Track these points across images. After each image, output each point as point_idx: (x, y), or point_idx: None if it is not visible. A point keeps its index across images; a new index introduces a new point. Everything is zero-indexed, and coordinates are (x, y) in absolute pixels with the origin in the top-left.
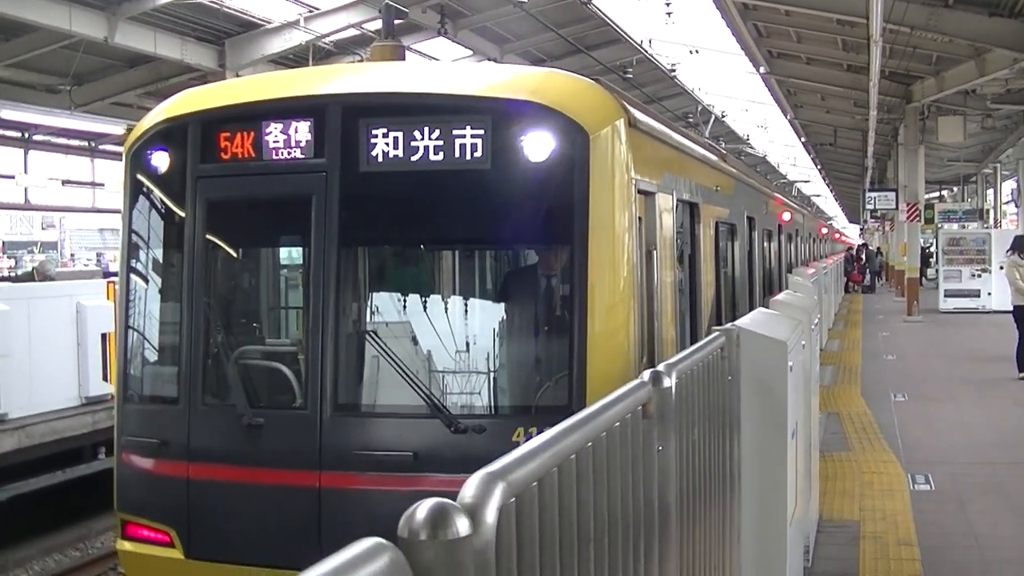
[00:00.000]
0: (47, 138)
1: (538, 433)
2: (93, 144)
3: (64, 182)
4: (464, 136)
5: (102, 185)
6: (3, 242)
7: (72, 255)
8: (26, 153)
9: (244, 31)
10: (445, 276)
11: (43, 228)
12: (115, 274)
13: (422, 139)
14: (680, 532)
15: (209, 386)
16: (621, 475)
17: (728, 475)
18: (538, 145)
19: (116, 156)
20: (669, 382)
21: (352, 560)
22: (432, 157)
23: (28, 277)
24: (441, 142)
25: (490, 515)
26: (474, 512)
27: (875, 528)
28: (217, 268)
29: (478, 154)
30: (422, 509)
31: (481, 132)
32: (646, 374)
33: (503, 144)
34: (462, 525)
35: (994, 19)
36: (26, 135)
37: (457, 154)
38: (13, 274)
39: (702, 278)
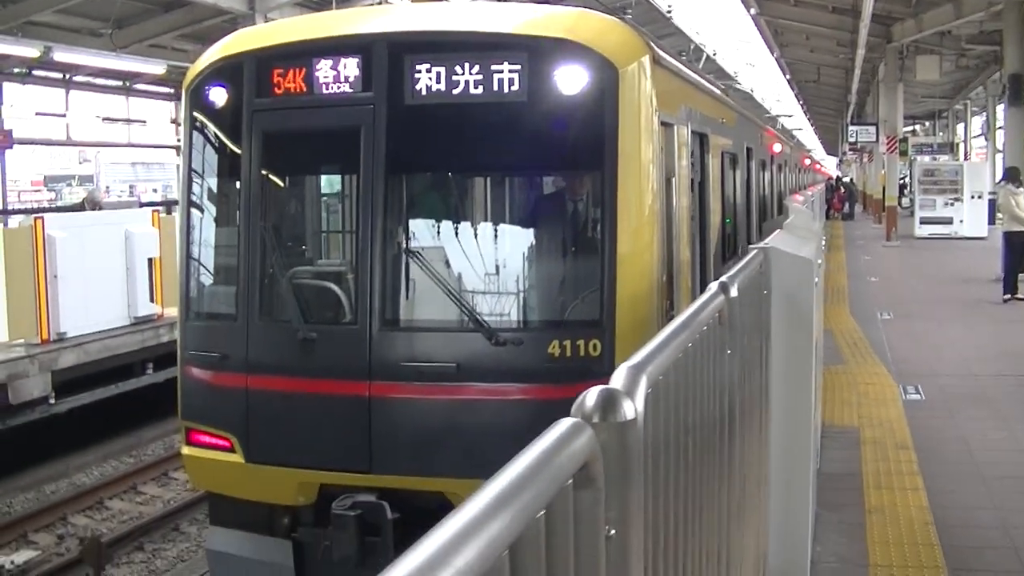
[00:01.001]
0: (87, 79)
1: (572, 345)
2: (128, 84)
3: (104, 119)
4: (502, 71)
5: (143, 122)
6: (44, 176)
7: (107, 188)
8: (67, 93)
9: None
10: (483, 201)
11: (80, 163)
12: (148, 204)
13: (463, 74)
14: (740, 431)
15: (265, 304)
16: (708, 375)
17: (763, 382)
18: (571, 79)
19: (149, 95)
20: (735, 292)
21: (564, 435)
22: (472, 91)
23: (78, 207)
24: (481, 77)
25: (640, 402)
26: (630, 399)
27: (874, 434)
28: (271, 195)
29: (515, 88)
30: (591, 396)
31: (518, 67)
32: (714, 285)
33: (538, 79)
34: (628, 409)
35: None
36: (67, 76)
37: (495, 88)
38: (54, 206)
39: (710, 204)
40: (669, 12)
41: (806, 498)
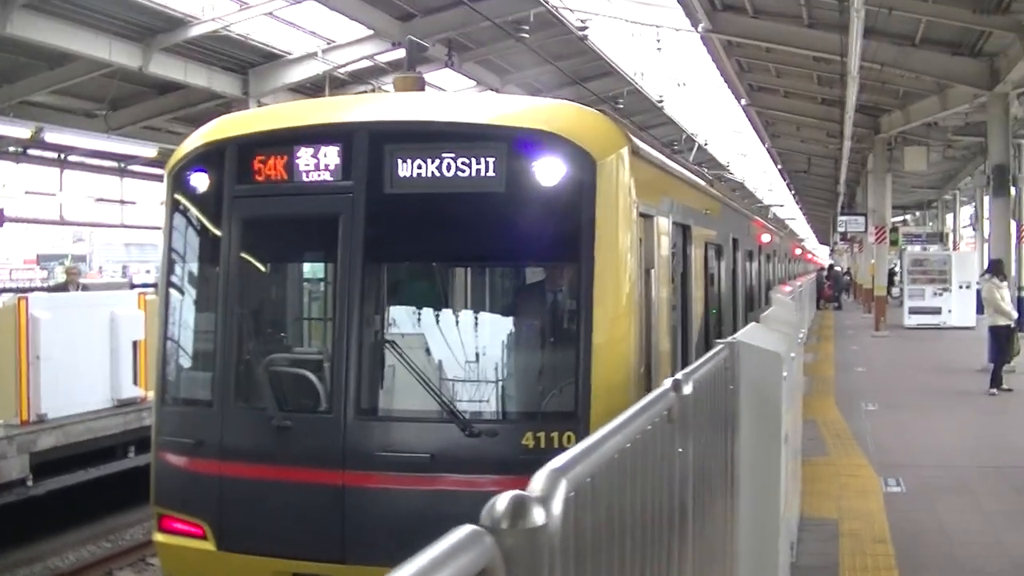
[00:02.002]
0: (81, 159)
1: (546, 437)
2: (123, 165)
3: (97, 200)
4: (481, 162)
5: (133, 203)
6: (38, 254)
7: (100, 267)
8: (62, 172)
9: (267, 61)
10: (461, 291)
11: (73, 242)
12: (141, 286)
13: (442, 164)
14: (694, 528)
15: (241, 390)
16: (652, 474)
17: (729, 476)
18: (549, 171)
19: (143, 176)
20: (688, 390)
21: (458, 544)
22: (451, 181)
23: (62, 287)
24: (459, 167)
25: (557, 507)
26: (544, 504)
27: (852, 526)
28: (250, 281)
29: (494, 178)
30: (502, 501)
31: (496, 158)
32: (667, 382)
33: (516, 169)
34: (539, 515)
35: (956, 58)
36: (62, 156)
37: (474, 178)
38: (45, 285)
39: (693, 294)
40: (660, 102)
41: None
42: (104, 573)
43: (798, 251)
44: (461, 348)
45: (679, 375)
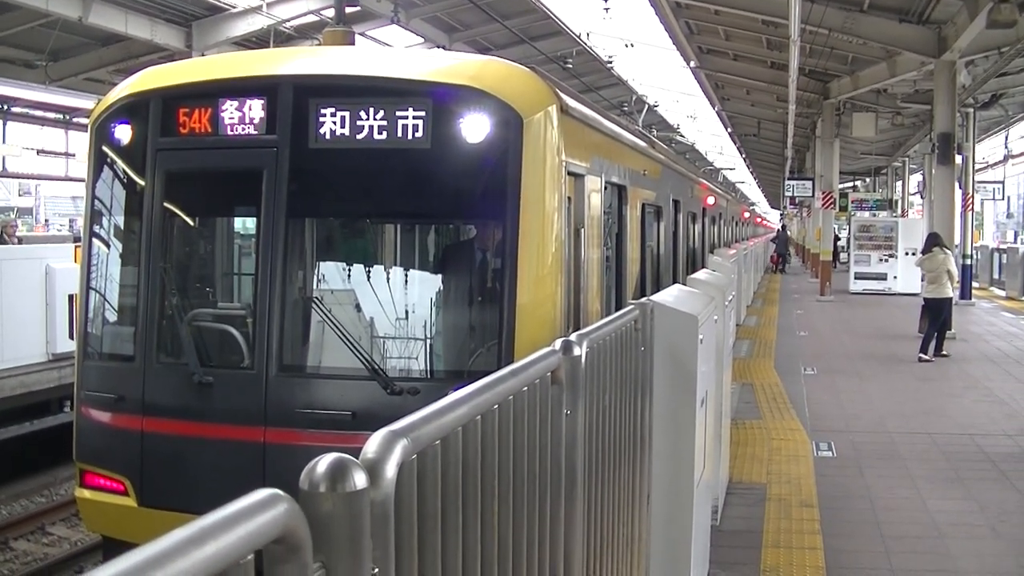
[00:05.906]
0: (25, 110)
1: None
2: (68, 117)
3: (39, 152)
4: (406, 117)
5: (74, 155)
6: None
7: (46, 220)
8: (4, 124)
9: (211, 14)
10: (386, 248)
11: (20, 195)
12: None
13: (367, 119)
14: (587, 490)
15: (164, 345)
16: (528, 436)
17: (639, 439)
18: (475, 127)
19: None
20: (579, 351)
21: (249, 507)
22: (376, 136)
23: None
24: (385, 122)
25: (390, 470)
26: (375, 466)
27: (780, 490)
28: (173, 235)
29: (419, 134)
30: (322, 463)
31: (422, 114)
32: (558, 343)
33: (442, 126)
34: (359, 479)
35: (904, 25)
36: (4, 107)
37: (399, 134)
38: None
39: (628, 255)
40: (610, 63)
41: (687, 557)
42: (37, 528)
43: (747, 214)
44: (384, 306)
45: (573, 336)
